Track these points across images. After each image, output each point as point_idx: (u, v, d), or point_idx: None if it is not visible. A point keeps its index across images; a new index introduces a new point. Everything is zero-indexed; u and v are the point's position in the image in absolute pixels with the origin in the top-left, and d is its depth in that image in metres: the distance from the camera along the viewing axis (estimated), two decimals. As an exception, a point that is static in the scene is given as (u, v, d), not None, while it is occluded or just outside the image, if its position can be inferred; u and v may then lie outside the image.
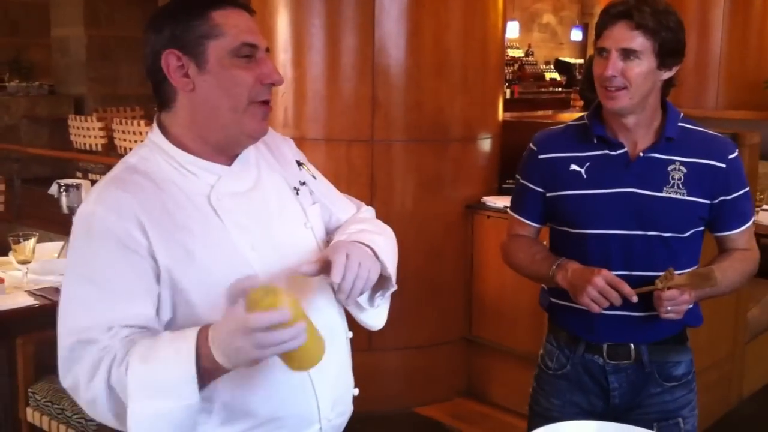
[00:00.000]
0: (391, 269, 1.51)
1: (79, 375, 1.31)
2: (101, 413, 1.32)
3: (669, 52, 1.78)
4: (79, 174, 7.48)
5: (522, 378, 1.83)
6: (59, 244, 3.52)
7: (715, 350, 3.58)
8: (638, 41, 1.75)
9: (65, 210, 4.40)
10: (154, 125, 1.46)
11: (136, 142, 6.95)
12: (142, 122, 7.02)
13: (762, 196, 4.56)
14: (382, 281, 1.50)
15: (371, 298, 1.53)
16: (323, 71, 3.61)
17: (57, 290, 3.13)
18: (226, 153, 1.46)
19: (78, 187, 4.37)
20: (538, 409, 2.04)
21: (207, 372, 1.25)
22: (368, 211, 1.76)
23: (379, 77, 3.58)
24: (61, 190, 4.34)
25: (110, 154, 7.36)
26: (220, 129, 1.41)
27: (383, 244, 1.51)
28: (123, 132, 7.08)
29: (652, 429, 1.89)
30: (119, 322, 1.31)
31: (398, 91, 3.61)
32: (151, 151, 1.43)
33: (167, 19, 1.38)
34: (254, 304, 1.17)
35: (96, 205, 1.35)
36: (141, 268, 1.33)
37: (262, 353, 1.20)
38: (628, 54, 1.76)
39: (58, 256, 3.40)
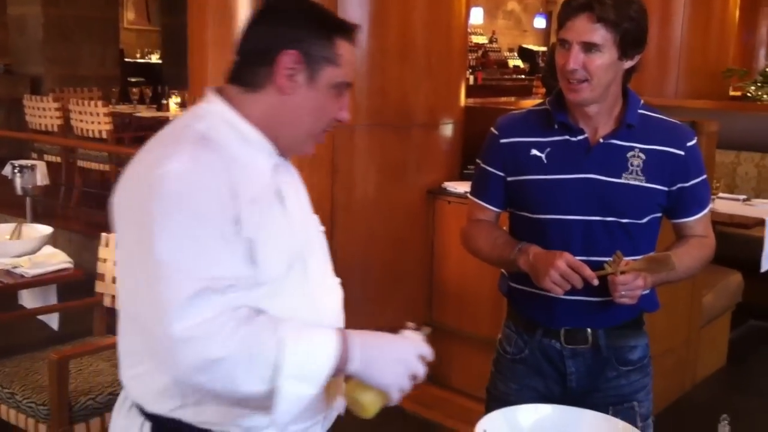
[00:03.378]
0: None
1: (199, 321, 1.23)
2: (208, 360, 1.24)
3: (631, 42, 1.78)
4: (34, 155, 7.34)
5: (482, 363, 1.84)
6: (12, 225, 3.44)
7: (670, 335, 3.63)
8: (599, 34, 1.75)
9: (19, 191, 4.32)
10: (214, 97, 1.43)
11: (93, 123, 6.82)
12: (99, 103, 6.89)
13: (719, 184, 4.64)
14: None
15: None
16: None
17: (8, 272, 3.07)
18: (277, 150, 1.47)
19: (33, 168, 4.29)
20: (496, 393, 2.06)
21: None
22: None
23: (342, 61, 3.56)
24: (15, 171, 4.26)
25: (67, 135, 7.23)
26: (289, 137, 1.44)
27: None
28: (80, 113, 6.95)
29: (608, 413, 1.91)
30: (234, 279, 1.29)
31: (361, 75, 3.58)
32: (217, 123, 1.39)
33: (301, 22, 1.38)
34: None
35: (190, 164, 1.29)
36: (234, 230, 1.31)
37: (404, 380, 1.35)
38: (589, 47, 1.76)
39: (10, 238, 3.33)
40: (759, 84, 6.23)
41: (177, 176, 1.28)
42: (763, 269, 4.53)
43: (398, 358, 1.36)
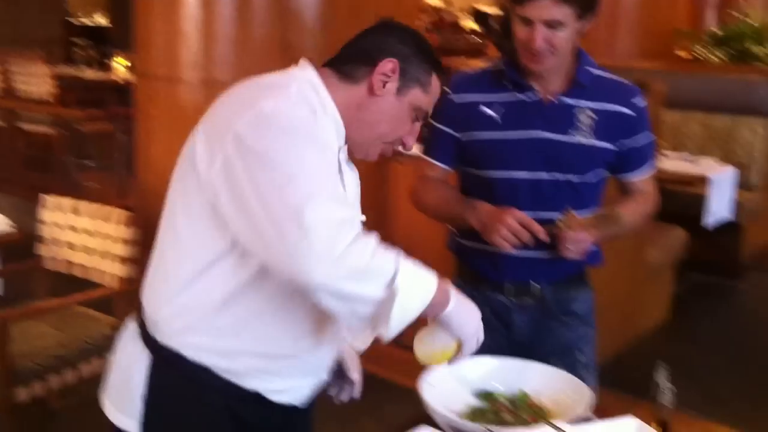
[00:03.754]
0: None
1: (349, 240, 1.30)
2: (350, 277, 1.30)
3: (589, 9, 1.80)
4: (-25, 118, 7.12)
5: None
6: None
7: (615, 289, 3.70)
8: (562, 11, 1.75)
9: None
10: (308, 66, 1.51)
11: (36, 85, 6.63)
12: (43, 65, 6.70)
13: (665, 143, 4.71)
14: None
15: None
16: (233, 13, 3.49)
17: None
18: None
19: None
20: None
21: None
22: None
23: (292, 20, 3.49)
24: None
25: (8, 96, 7.02)
26: (361, 136, 1.53)
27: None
28: (22, 75, 6.76)
29: (552, 362, 1.95)
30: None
31: (310, 33, 3.53)
32: (305, 86, 1.46)
33: (411, 43, 1.51)
34: None
35: (302, 110, 1.40)
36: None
37: (480, 334, 1.48)
38: (553, 24, 1.76)
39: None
40: (706, 44, 6.29)
41: (299, 120, 1.38)
42: (706, 225, 4.64)
43: (477, 315, 1.48)
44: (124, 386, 1.51)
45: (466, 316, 1.46)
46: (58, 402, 3.12)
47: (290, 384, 1.53)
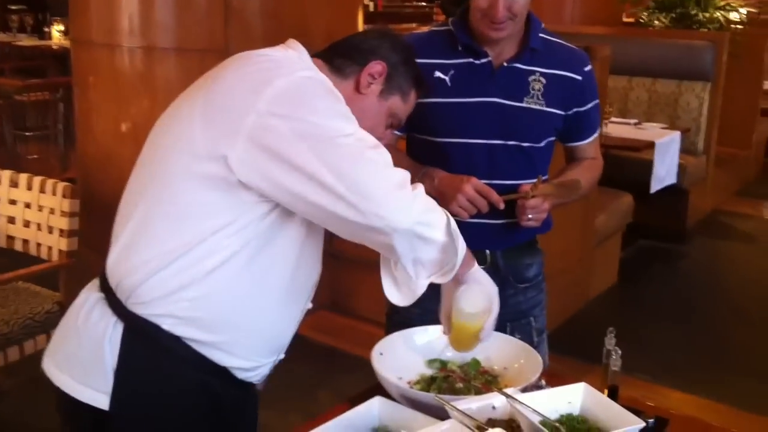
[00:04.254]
0: None
1: (419, 191, 1.40)
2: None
3: None
4: None
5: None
6: None
7: (564, 255, 3.75)
8: None
9: None
10: (306, 53, 1.53)
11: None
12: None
13: (611, 109, 4.76)
14: None
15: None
16: (173, -25, 3.39)
17: None
18: None
19: None
20: (397, 318, 2.05)
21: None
22: None
23: (234, -19, 3.40)
24: None
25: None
26: None
27: None
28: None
29: (506, 329, 1.95)
30: None
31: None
32: (316, 73, 1.48)
33: (401, 53, 1.59)
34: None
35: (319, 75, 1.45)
36: None
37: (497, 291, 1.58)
38: None
39: None
40: (651, 10, 6.34)
41: (320, 79, 1.43)
42: (652, 190, 4.72)
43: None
44: (92, 359, 1.46)
45: (485, 275, 1.57)
46: (3, 381, 3.05)
47: (256, 362, 1.54)
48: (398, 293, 1.53)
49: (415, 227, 1.36)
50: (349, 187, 1.32)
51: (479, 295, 1.55)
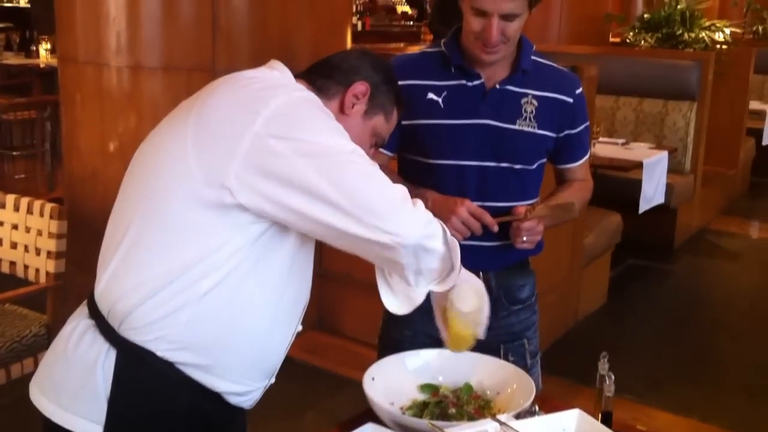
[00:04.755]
0: None
1: (424, 216, 1.41)
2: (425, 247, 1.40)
3: None
4: None
5: (372, 308, 1.82)
6: None
7: (553, 275, 3.74)
8: (519, 3, 1.72)
9: None
10: (292, 77, 1.53)
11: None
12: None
13: (599, 129, 4.77)
14: None
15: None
16: (159, -8, 3.38)
17: None
18: None
19: None
20: (389, 341, 2.04)
21: None
22: None
23: (221, 0, 3.39)
24: None
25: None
26: None
27: None
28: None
29: (500, 351, 1.95)
30: None
31: (241, 15, 3.43)
32: (308, 93, 1.50)
33: (382, 73, 1.60)
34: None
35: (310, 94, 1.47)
36: None
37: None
38: (509, 17, 1.73)
39: None
40: (637, 29, 6.39)
41: (312, 99, 1.46)
42: (641, 210, 4.73)
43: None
44: (83, 387, 1.43)
45: (472, 278, 1.58)
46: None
47: (248, 386, 1.53)
48: (396, 301, 1.53)
49: (422, 240, 1.37)
50: (355, 203, 1.33)
51: (471, 294, 1.56)
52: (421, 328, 1.97)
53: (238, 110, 1.37)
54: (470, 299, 1.55)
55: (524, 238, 1.81)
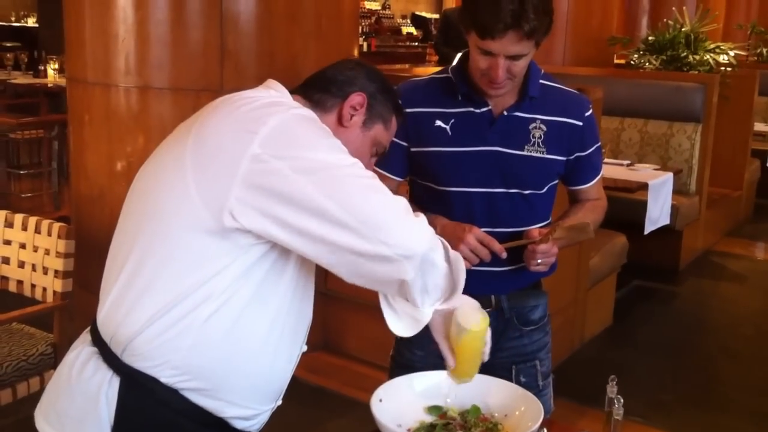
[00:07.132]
0: None
1: (425, 231, 1.39)
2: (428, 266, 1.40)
3: (546, 35, 1.76)
4: None
5: (377, 329, 1.81)
6: None
7: (560, 296, 3.73)
8: (525, 45, 1.72)
9: None
10: (289, 95, 1.53)
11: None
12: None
13: (604, 150, 4.78)
14: None
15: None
16: (167, 15, 3.40)
17: None
18: None
19: None
20: (401, 360, 2.04)
21: None
22: None
23: (228, 23, 3.41)
24: None
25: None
26: None
27: None
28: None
29: (511, 372, 1.94)
30: None
31: (249, 38, 3.46)
32: (305, 110, 1.48)
33: (379, 83, 1.60)
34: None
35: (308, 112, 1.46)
36: None
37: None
38: (515, 57, 1.74)
39: None
40: (642, 52, 6.42)
41: (309, 116, 1.45)
42: (646, 232, 4.72)
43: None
44: (87, 415, 1.42)
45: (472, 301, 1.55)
46: (-7, 423, 3.00)
47: (255, 410, 1.52)
48: (400, 324, 1.51)
49: (428, 253, 1.36)
50: (357, 217, 1.31)
51: (472, 311, 1.53)
52: (431, 349, 1.97)
53: (235, 131, 1.36)
54: (475, 316, 1.54)
55: (538, 261, 1.81)
